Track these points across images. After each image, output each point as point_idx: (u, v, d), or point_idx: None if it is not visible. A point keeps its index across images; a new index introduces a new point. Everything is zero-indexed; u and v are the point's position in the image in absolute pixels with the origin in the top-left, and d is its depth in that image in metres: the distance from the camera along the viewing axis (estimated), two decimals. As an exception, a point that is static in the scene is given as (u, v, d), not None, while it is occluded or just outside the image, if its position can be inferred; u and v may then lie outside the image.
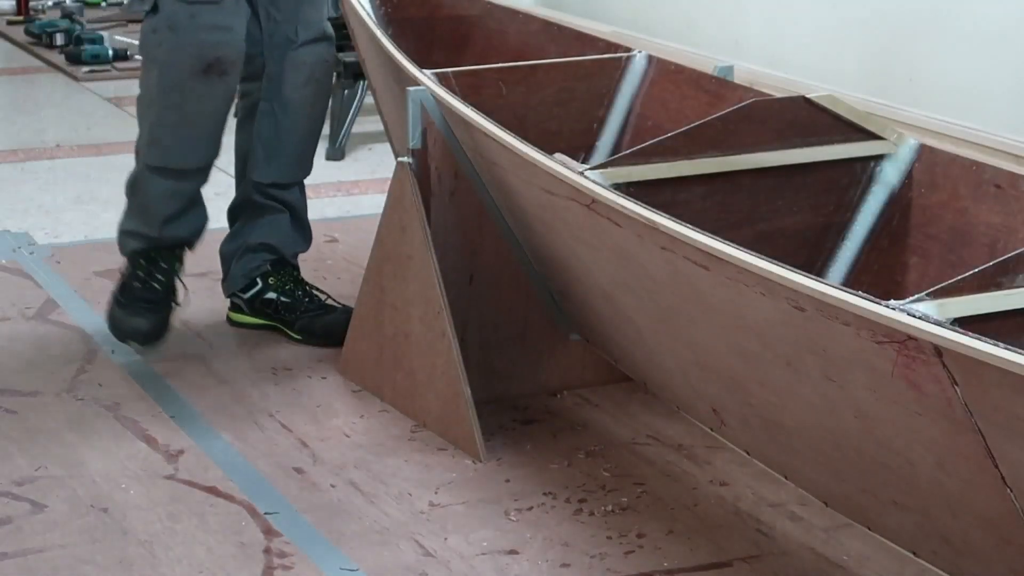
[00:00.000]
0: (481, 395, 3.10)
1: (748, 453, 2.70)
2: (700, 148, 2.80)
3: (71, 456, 3.01)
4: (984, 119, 4.86)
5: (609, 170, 2.71)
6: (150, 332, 3.41)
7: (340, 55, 4.98)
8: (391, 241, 3.16)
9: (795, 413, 2.42)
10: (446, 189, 3.10)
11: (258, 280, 3.59)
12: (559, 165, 2.69)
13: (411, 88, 3.06)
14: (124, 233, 3.51)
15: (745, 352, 2.42)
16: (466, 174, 3.09)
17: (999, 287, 2.16)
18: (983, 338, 1.92)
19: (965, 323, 2.04)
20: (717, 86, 3.19)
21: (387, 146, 4.23)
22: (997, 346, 1.90)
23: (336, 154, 5.31)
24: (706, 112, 3.11)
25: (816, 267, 2.88)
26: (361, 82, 5.42)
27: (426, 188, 3.09)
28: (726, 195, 2.84)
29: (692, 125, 2.83)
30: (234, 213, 3.68)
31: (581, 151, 3.32)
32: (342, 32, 3.82)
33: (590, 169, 2.68)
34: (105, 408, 3.22)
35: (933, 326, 1.99)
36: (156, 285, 3.43)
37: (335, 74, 4.42)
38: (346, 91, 5.40)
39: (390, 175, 3.16)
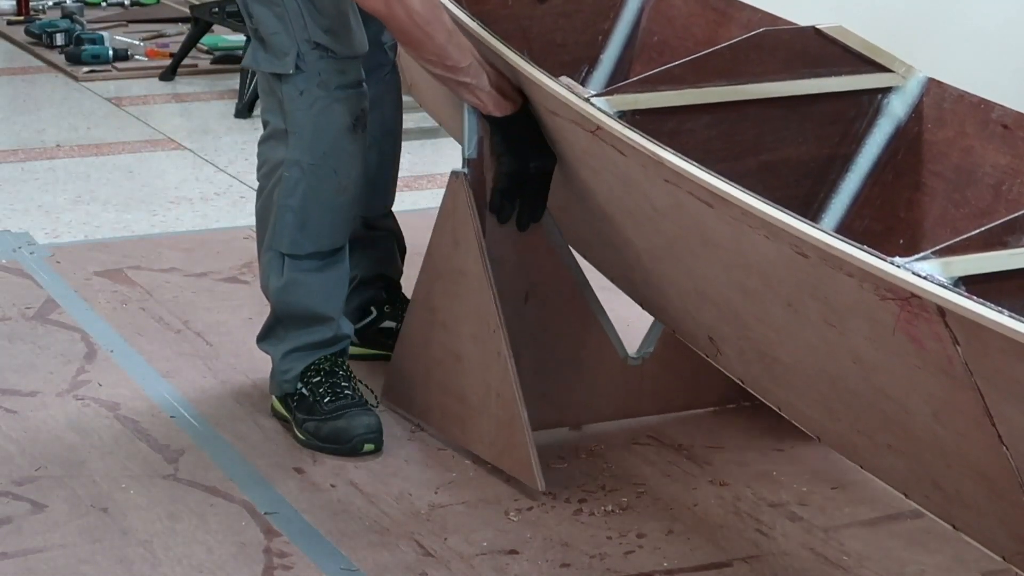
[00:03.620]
0: (533, 423, 2.90)
1: (743, 382, 2.68)
2: (707, 77, 2.75)
3: (71, 456, 3.01)
4: (984, 119, 4.86)
5: (615, 97, 2.66)
6: (379, 427, 3.04)
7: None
8: (442, 256, 2.97)
9: (793, 351, 2.40)
10: None
11: (373, 309, 3.40)
12: (565, 90, 2.66)
13: None
14: (285, 357, 3.10)
15: (746, 288, 2.40)
16: None
17: (1005, 246, 2.12)
18: (988, 304, 1.90)
19: (970, 282, 2.02)
20: (725, 4, 3.14)
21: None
22: (1002, 313, 1.88)
23: None
24: (713, 30, 3.08)
25: (819, 199, 2.85)
26: None
27: (481, 199, 2.91)
28: (732, 124, 2.80)
29: (700, 54, 2.78)
30: None
31: (585, 63, 3.27)
32: None
33: (596, 96, 2.64)
34: (105, 408, 3.22)
35: (937, 287, 1.96)
36: (347, 390, 3.08)
37: None
38: None
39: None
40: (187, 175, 5.04)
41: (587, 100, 2.62)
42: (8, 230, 4.37)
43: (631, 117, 2.63)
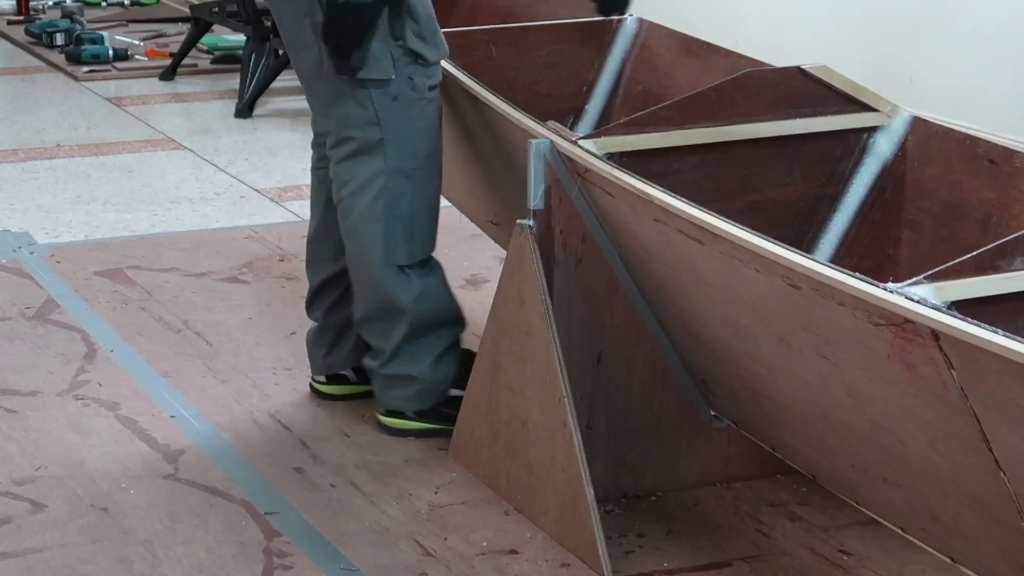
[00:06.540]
0: (610, 490, 2.81)
1: (736, 424, 2.68)
2: (694, 118, 2.74)
3: (71, 456, 3.01)
4: (984, 119, 4.87)
5: (603, 139, 2.66)
6: None
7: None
8: (508, 313, 2.79)
9: (786, 388, 2.40)
10: (572, 256, 2.73)
11: None
12: (552, 133, 2.67)
13: (533, 140, 2.69)
14: (438, 365, 3.08)
15: (737, 326, 2.40)
16: (595, 238, 2.72)
17: (997, 270, 2.13)
18: (981, 324, 1.91)
19: (963, 306, 2.02)
20: (708, 51, 3.15)
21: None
22: (996, 333, 1.88)
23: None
24: (697, 77, 3.08)
25: (807, 238, 2.85)
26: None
27: (549, 254, 2.72)
28: (719, 165, 2.80)
29: (687, 95, 2.79)
30: (329, 284, 3.22)
31: (570, 114, 3.27)
32: None
33: (583, 138, 2.65)
34: (105, 408, 3.22)
35: (931, 310, 1.97)
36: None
37: None
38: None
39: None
40: (187, 175, 5.04)
41: (574, 143, 2.62)
42: (8, 230, 4.37)
43: (619, 159, 2.62)
